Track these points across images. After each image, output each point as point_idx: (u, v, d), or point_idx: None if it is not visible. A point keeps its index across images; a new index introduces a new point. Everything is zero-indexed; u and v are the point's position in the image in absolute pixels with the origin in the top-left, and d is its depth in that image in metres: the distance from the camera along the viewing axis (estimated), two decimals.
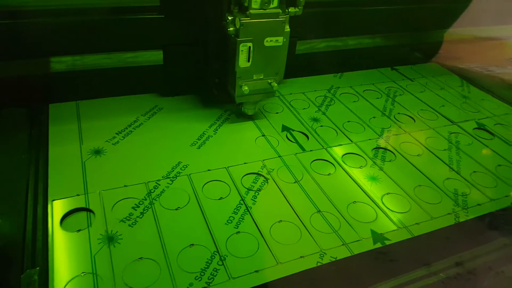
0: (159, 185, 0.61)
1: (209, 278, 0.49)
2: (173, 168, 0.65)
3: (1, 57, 0.69)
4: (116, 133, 0.71)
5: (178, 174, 0.64)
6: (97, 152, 0.66)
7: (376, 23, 0.99)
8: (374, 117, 0.85)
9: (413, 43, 1.10)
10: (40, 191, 0.57)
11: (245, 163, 0.68)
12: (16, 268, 0.47)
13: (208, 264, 0.50)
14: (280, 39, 0.70)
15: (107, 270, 0.48)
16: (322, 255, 0.53)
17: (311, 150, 0.73)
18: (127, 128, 0.72)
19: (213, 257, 0.51)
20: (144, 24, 0.73)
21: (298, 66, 0.92)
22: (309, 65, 0.96)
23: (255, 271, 0.50)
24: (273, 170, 0.67)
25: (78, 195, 0.57)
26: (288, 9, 0.71)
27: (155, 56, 0.78)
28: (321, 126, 0.80)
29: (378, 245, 0.56)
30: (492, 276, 0.55)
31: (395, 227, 0.59)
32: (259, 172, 0.66)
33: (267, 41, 0.69)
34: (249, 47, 0.68)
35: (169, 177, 0.63)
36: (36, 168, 0.61)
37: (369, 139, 0.77)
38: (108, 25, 0.72)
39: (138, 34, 0.74)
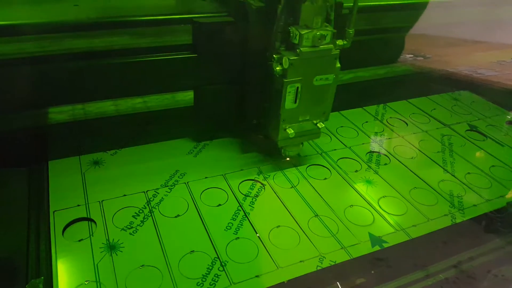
0: (158, 193, 0.62)
1: (211, 283, 0.49)
2: (171, 176, 0.65)
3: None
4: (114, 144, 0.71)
5: (176, 183, 0.64)
6: (96, 163, 0.67)
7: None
8: (366, 122, 0.86)
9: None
10: (42, 203, 0.58)
11: (241, 170, 0.68)
12: (21, 278, 0.48)
13: (209, 270, 0.51)
14: (331, 76, 0.62)
15: (110, 278, 0.49)
16: (321, 259, 0.54)
17: (306, 156, 0.74)
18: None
19: (214, 263, 0.52)
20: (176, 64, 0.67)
21: None
22: None
23: (256, 276, 0.51)
24: (269, 176, 0.68)
25: (79, 205, 0.58)
26: (336, 42, 0.62)
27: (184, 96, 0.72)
28: None
29: (377, 248, 0.57)
30: (490, 278, 0.55)
31: (392, 230, 0.60)
32: (256, 179, 0.67)
33: (316, 79, 0.61)
34: (297, 87, 0.61)
35: (167, 186, 0.63)
36: (37, 180, 0.62)
37: (363, 144, 0.79)
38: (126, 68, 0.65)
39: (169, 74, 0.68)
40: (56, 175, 0.63)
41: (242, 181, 0.66)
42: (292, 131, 0.63)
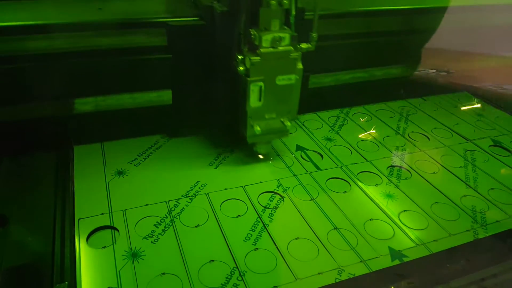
0: (179, 203, 0.63)
1: None
2: (191, 187, 0.67)
3: (27, 99, 0.70)
4: (138, 155, 0.74)
5: (196, 193, 0.66)
6: (120, 173, 0.69)
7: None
8: (388, 136, 0.86)
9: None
10: (67, 211, 0.60)
11: (261, 182, 0.69)
12: (46, 283, 0.49)
13: (228, 279, 0.51)
14: (293, 77, 0.66)
15: (131, 285, 0.50)
16: (340, 272, 0.54)
17: (326, 169, 0.74)
18: (148, 150, 0.75)
19: (232, 273, 0.52)
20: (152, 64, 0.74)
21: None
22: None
23: (274, 286, 0.51)
24: (288, 188, 0.68)
25: (103, 214, 0.60)
26: (300, 45, 0.65)
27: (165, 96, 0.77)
28: (335, 145, 0.81)
29: (396, 262, 0.56)
30: None
31: (413, 244, 0.59)
32: (275, 191, 0.68)
33: (279, 79, 0.65)
34: (260, 86, 0.64)
35: (188, 196, 0.65)
36: (63, 189, 0.64)
37: (384, 158, 0.78)
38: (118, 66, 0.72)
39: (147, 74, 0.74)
40: (82, 183, 0.66)
41: (262, 193, 0.67)
42: (259, 128, 0.66)
